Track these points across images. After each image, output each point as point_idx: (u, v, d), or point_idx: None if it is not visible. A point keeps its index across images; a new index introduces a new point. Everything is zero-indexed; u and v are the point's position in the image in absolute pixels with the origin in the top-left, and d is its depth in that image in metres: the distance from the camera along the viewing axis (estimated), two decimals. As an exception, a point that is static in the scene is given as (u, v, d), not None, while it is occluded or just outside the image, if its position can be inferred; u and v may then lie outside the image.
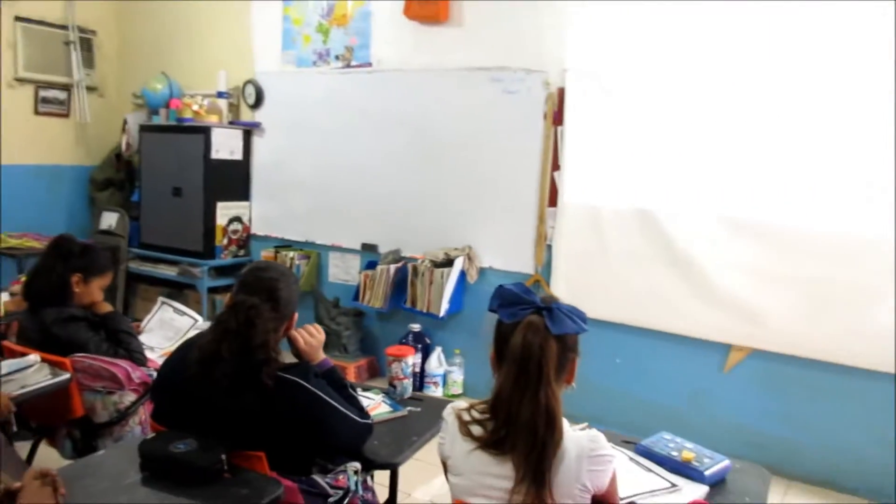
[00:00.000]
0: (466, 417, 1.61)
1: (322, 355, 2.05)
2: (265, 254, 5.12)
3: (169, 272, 5.29)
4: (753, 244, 3.56)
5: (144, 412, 2.47)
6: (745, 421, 3.66)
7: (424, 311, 4.35)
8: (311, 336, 2.02)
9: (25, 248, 5.03)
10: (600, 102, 3.93)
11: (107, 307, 2.63)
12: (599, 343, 3.97)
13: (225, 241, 5.24)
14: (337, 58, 4.95)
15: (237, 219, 5.31)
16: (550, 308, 1.55)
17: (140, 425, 2.46)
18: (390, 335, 4.58)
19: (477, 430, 1.57)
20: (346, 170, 4.92)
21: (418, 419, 2.21)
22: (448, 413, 1.65)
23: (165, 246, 5.30)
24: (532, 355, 1.48)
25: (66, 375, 2.31)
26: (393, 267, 4.48)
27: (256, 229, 5.40)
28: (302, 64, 5.11)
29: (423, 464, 2.51)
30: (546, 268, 4.17)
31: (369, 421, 1.96)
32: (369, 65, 4.81)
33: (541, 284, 4.16)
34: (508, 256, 4.32)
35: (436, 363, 4.33)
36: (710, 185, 3.66)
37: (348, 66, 4.90)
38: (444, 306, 4.27)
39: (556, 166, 4.11)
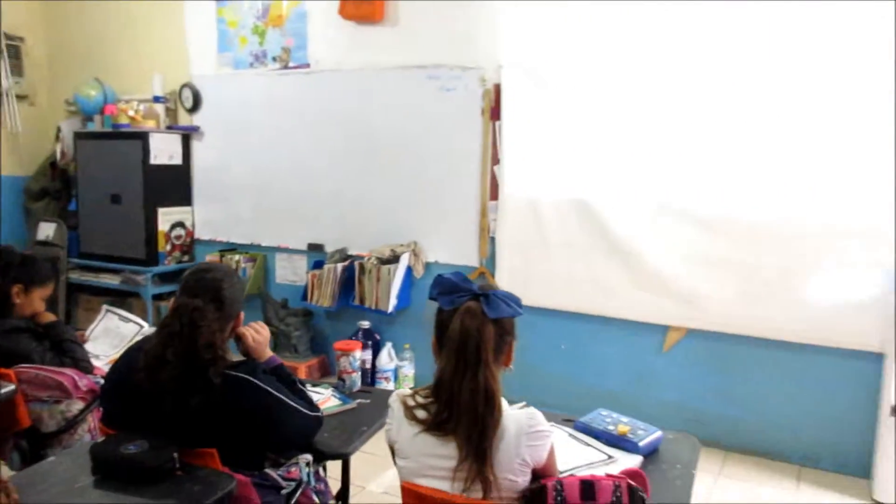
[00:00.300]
0: (411, 403, 1.68)
1: (269, 352, 2.09)
2: (210, 257, 5.09)
3: (111, 281, 5.22)
4: (687, 230, 3.72)
5: (93, 419, 2.46)
6: (684, 398, 3.84)
7: (373, 307, 4.40)
8: (257, 333, 2.06)
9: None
10: (536, 97, 4.05)
11: (49, 317, 2.61)
12: (544, 330, 4.11)
13: (168, 247, 5.19)
14: (274, 59, 4.95)
15: (180, 224, 5.27)
16: (487, 294, 1.63)
17: (89, 433, 2.45)
18: (340, 333, 4.61)
19: (421, 413, 1.64)
20: (289, 171, 4.93)
21: (368, 411, 2.27)
22: (393, 400, 1.72)
23: (106, 255, 5.23)
24: (470, 339, 1.56)
25: (12, 387, 2.29)
26: (340, 266, 4.52)
27: (200, 234, 5.36)
28: (239, 66, 5.09)
29: (375, 456, 2.56)
30: (490, 260, 4.28)
31: (319, 414, 2.02)
32: (307, 65, 4.83)
33: (486, 276, 4.26)
34: (453, 250, 4.41)
35: (386, 359, 4.38)
36: (645, 174, 3.81)
37: (286, 67, 4.91)
38: (393, 302, 4.34)
39: (495, 160, 4.21)
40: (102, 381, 2.44)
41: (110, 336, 2.86)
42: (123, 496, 1.67)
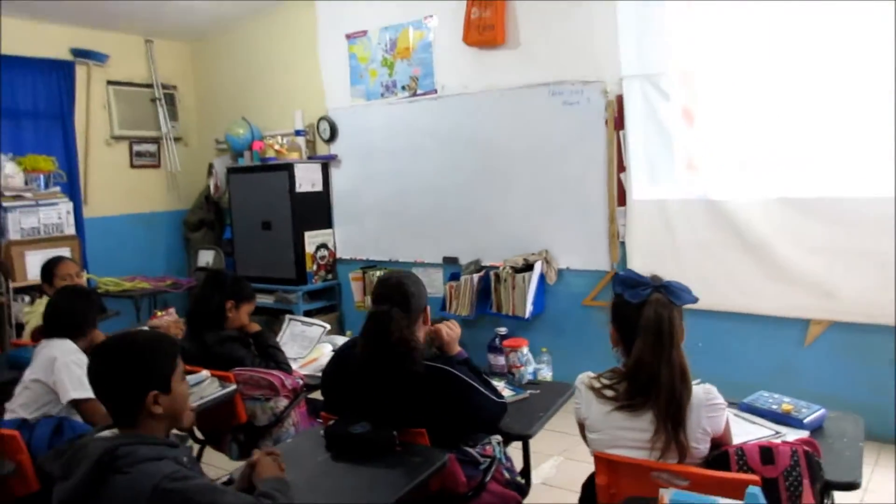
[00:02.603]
0: (597, 384, 1.92)
1: (458, 347, 2.39)
2: (353, 275, 5.51)
3: (266, 300, 5.72)
4: (820, 222, 3.76)
5: (296, 414, 2.84)
6: (831, 391, 3.84)
7: (510, 314, 4.66)
8: (450, 329, 2.36)
9: (139, 290, 5.52)
10: (658, 104, 4.21)
11: (255, 327, 3.03)
12: (680, 329, 4.22)
13: (314, 267, 5.66)
14: (403, 88, 5.34)
15: (323, 245, 5.73)
16: (666, 285, 1.86)
17: (294, 426, 2.83)
18: (479, 339, 4.85)
19: (609, 392, 1.88)
20: (421, 190, 5.29)
21: (540, 399, 2.52)
22: (580, 382, 1.97)
23: (260, 276, 5.74)
24: (664, 324, 1.80)
25: (233, 387, 2.69)
26: (476, 276, 4.81)
27: (341, 253, 5.81)
28: (371, 97, 5.52)
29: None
30: (621, 264, 4.45)
31: (504, 401, 2.29)
32: (434, 91, 5.18)
33: (618, 279, 4.43)
34: (584, 256, 4.61)
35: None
36: (772, 169, 3.89)
37: (414, 94, 5.28)
38: (529, 308, 4.58)
39: (621, 168, 4.40)
40: (301, 381, 2.83)
41: (298, 340, 3.25)
42: (357, 467, 2.00)
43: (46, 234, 5.27)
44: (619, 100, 4.36)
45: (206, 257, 6.13)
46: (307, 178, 5.64)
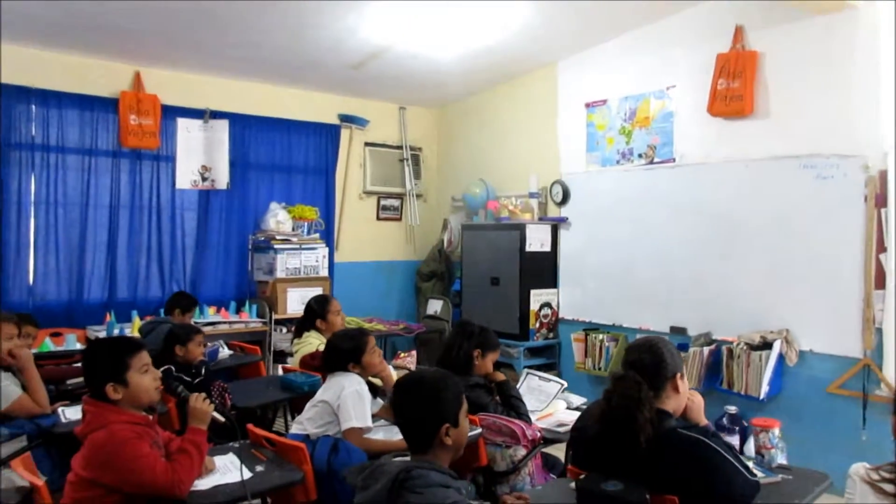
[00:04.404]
0: (875, 477, 1.83)
1: (705, 419, 2.37)
2: (575, 336, 5.59)
3: (488, 352, 5.96)
4: None
5: (533, 465, 2.95)
6: None
7: (742, 392, 4.45)
8: (695, 400, 2.36)
9: (376, 331, 6.02)
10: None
11: (501, 376, 3.22)
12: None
13: (537, 325, 5.82)
14: (640, 156, 5.41)
15: (547, 304, 5.89)
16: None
17: (529, 475, 2.94)
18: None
19: (890, 488, 1.78)
20: (650, 257, 5.28)
21: (793, 485, 2.41)
22: (853, 473, 1.90)
23: (484, 329, 6.00)
24: None
25: (478, 430, 2.88)
26: (706, 349, 4.67)
27: (564, 313, 5.92)
28: (606, 163, 5.65)
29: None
30: (877, 351, 4.09)
31: (758, 480, 2.23)
32: (672, 160, 5.19)
33: (871, 368, 4.08)
34: (831, 339, 4.30)
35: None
36: None
37: (651, 162, 5.33)
38: (764, 389, 4.35)
39: (881, 248, 4.08)
40: (539, 433, 2.95)
41: (534, 394, 3.39)
42: (608, 525, 2.05)
43: (306, 275, 5.97)
44: (882, 175, 4.08)
45: (435, 306, 6.55)
46: (537, 238, 5.87)
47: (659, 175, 5.26)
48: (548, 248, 5.94)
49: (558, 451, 3.36)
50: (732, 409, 4.58)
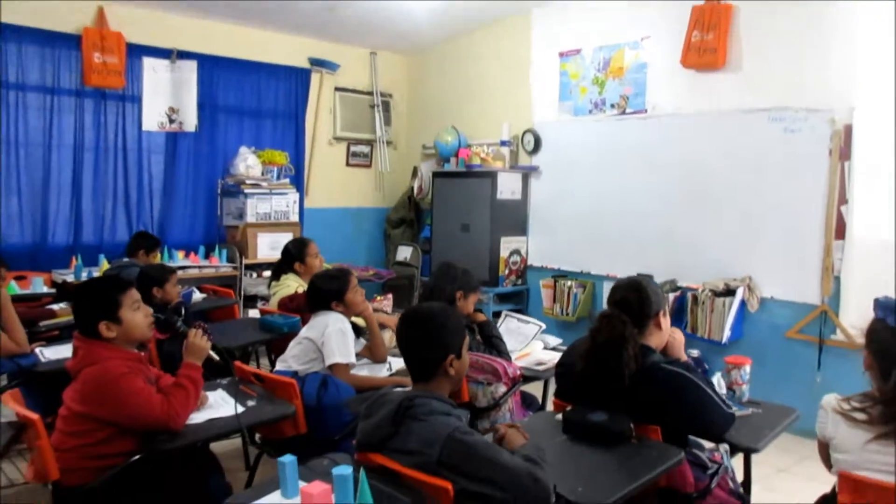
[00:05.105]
0: (846, 407, 1.96)
1: (685, 355, 2.49)
2: (544, 282, 5.71)
3: (458, 299, 6.05)
4: None
5: (512, 401, 3.06)
6: None
7: (705, 337, 4.64)
8: (676, 337, 2.48)
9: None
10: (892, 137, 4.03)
11: (482, 317, 3.29)
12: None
13: (506, 272, 5.92)
14: (612, 106, 5.47)
15: (517, 251, 5.98)
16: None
17: (509, 412, 3.05)
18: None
19: (861, 416, 1.91)
20: (620, 207, 5.38)
21: (763, 418, 2.55)
22: (827, 403, 2.03)
23: (455, 276, 6.08)
24: None
25: (462, 368, 2.95)
26: (672, 295, 4.83)
27: (532, 261, 6.03)
28: (578, 113, 5.70)
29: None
30: (834, 299, 4.29)
31: (734, 412, 2.36)
32: (644, 111, 5.26)
33: (828, 315, 4.28)
34: (791, 287, 4.49)
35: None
36: None
37: (623, 113, 5.39)
38: (727, 333, 4.54)
39: (842, 200, 4.25)
40: (519, 371, 3.05)
41: (512, 335, 3.47)
42: (595, 452, 2.16)
43: (276, 220, 5.93)
44: (848, 129, 4.22)
45: (404, 253, 6.59)
46: (508, 187, 5.92)
47: (630, 125, 5.34)
48: (518, 197, 6.01)
49: (535, 390, 3.48)
50: (695, 352, 4.71)
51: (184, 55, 5.79)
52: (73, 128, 5.36)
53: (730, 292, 4.62)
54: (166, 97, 5.77)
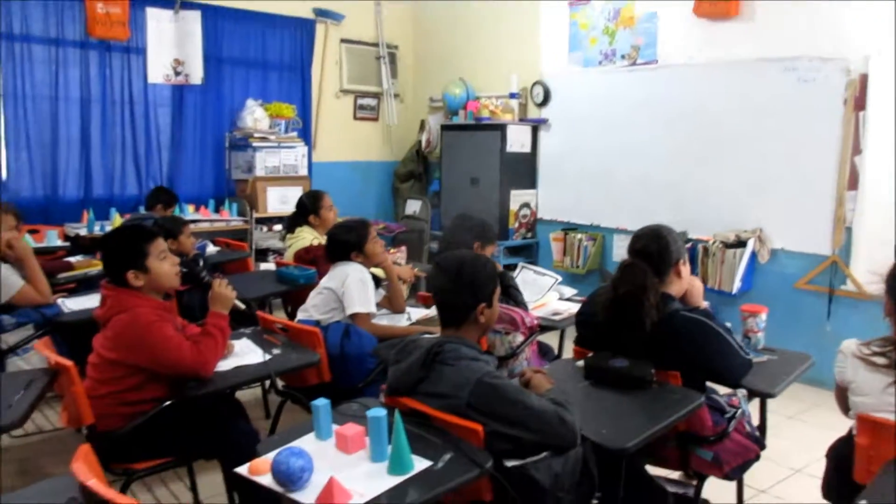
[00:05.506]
0: (866, 351, 2.00)
1: (704, 302, 2.52)
2: (554, 235, 5.73)
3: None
4: None
5: (529, 350, 3.10)
6: None
7: (715, 288, 4.67)
8: (695, 284, 2.51)
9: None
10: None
11: (499, 267, 3.31)
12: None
13: (516, 225, 5.93)
14: (623, 57, 5.40)
15: (526, 204, 5.98)
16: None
17: (527, 360, 3.09)
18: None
19: (882, 360, 1.95)
20: (630, 159, 5.37)
21: (779, 364, 2.60)
22: (846, 348, 2.07)
23: (463, 229, 6.09)
24: None
25: (480, 317, 2.99)
26: (682, 247, 4.85)
27: (542, 214, 6.04)
28: (588, 64, 5.63)
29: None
30: (844, 249, 4.31)
31: (750, 359, 2.40)
32: (655, 62, 5.21)
33: (838, 265, 4.31)
34: (802, 238, 4.50)
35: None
36: None
37: (633, 64, 5.34)
38: (737, 284, 4.57)
39: (856, 151, 4.23)
40: (536, 321, 3.09)
41: (529, 287, 3.50)
42: (617, 396, 2.21)
43: (285, 174, 5.92)
44: (863, 79, 4.18)
45: (413, 206, 6.59)
46: (517, 140, 5.89)
47: (641, 77, 5.29)
48: (528, 150, 5.98)
49: (551, 340, 3.53)
50: (705, 303, 4.86)
51: (187, 5, 5.70)
52: (79, 80, 5.32)
53: (740, 244, 4.65)
54: (171, 49, 5.70)
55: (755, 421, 2.53)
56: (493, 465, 1.73)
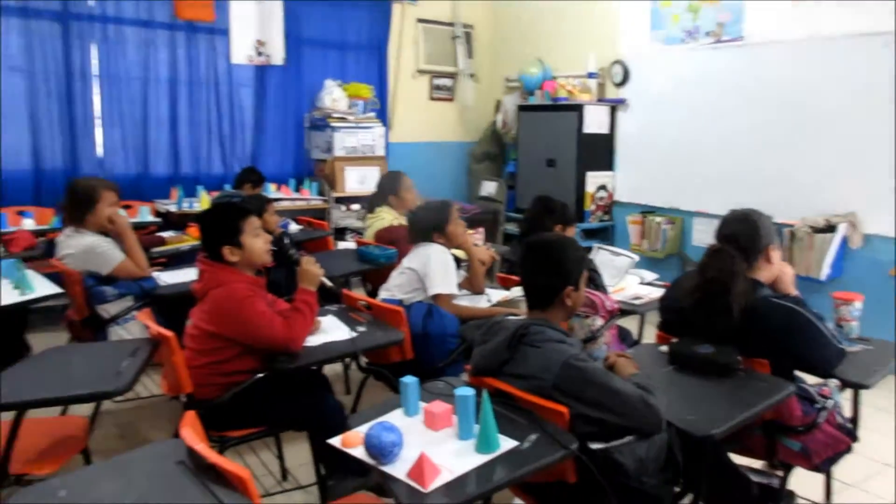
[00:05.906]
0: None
1: (795, 290, 2.45)
2: (632, 219, 5.64)
3: (542, 233, 6.05)
4: None
5: (609, 335, 3.08)
6: None
7: (802, 274, 4.51)
8: (785, 273, 2.44)
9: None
10: None
11: (581, 250, 3.30)
12: None
13: (592, 207, 5.86)
14: (707, 34, 5.23)
15: (603, 187, 5.90)
16: None
17: (606, 345, 3.07)
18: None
19: None
20: (713, 140, 5.21)
21: (873, 354, 2.50)
22: None
23: (538, 210, 6.06)
24: None
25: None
26: (767, 232, 4.70)
27: (619, 196, 5.94)
28: (670, 42, 5.48)
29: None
30: (944, 236, 4.10)
31: (843, 348, 2.33)
32: (741, 39, 5.02)
33: (937, 253, 4.10)
34: (897, 224, 4.30)
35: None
36: None
37: (718, 41, 5.16)
38: (826, 271, 4.41)
39: (961, 132, 4.00)
40: (616, 305, 3.06)
41: (606, 268, 3.47)
42: (702, 382, 2.18)
43: (363, 154, 6.01)
44: (971, 56, 3.93)
45: (489, 188, 6.59)
46: (595, 121, 5.80)
47: (726, 55, 5.11)
48: (606, 131, 5.89)
49: (630, 325, 3.50)
50: (796, 291, 4.71)
51: (269, -13, 5.84)
52: (167, 61, 5.54)
53: (830, 228, 4.47)
54: (253, 30, 5.85)
55: (847, 412, 2.45)
56: (578, 447, 1.75)
